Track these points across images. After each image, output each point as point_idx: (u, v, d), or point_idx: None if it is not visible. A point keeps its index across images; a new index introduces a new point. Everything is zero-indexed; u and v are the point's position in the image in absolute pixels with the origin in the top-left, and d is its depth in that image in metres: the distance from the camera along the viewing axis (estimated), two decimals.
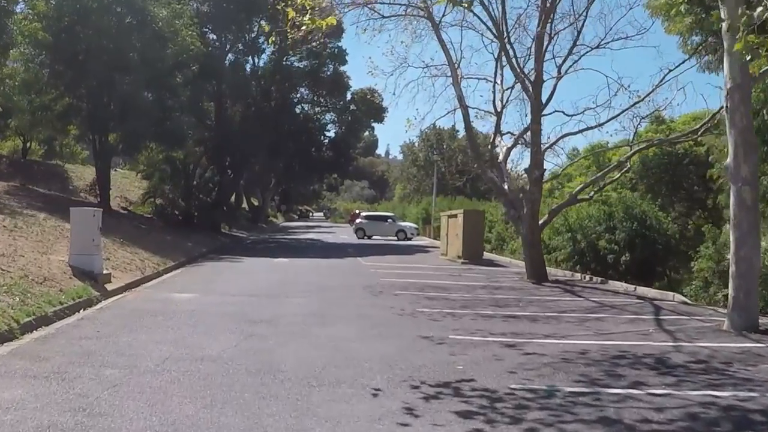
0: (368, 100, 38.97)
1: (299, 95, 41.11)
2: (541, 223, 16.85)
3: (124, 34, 21.29)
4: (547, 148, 16.99)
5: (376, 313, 9.99)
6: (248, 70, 36.73)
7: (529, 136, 17.13)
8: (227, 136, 31.36)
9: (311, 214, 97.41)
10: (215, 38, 33.56)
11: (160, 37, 21.85)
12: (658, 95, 16.34)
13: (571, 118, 17.13)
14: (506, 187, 17.26)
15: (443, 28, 17.11)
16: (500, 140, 18.23)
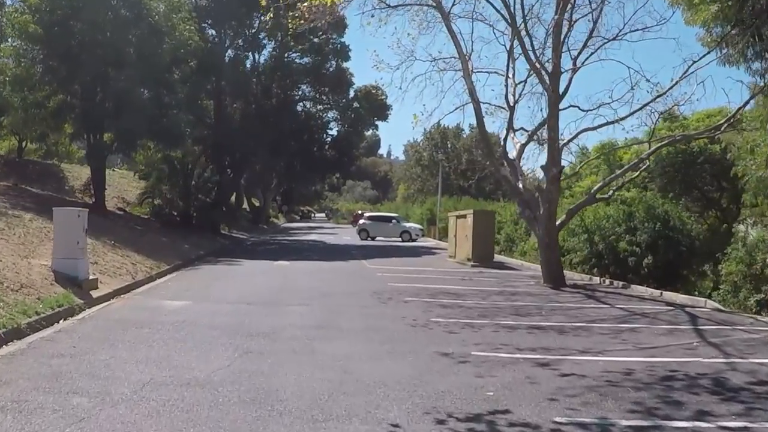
0: (372, 97, 37.85)
1: (301, 92, 40.02)
2: (558, 223, 15.90)
3: (119, 28, 20.55)
4: (566, 143, 16.06)
5: (386, 324, 9.05)
6: (248, 66, 35.94)
7: (542, 132, 16.21)
8: (227, 134, 30.53)
9: (313, 214, 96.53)
10: (214, 33, 32.75)
11: (156, 31, 21.12)
12: (675, 90, 15.31)
13: (586, 113, 16.31)
14: (520, 185, 16.36)
15: (452, 19, 16.18)
16: (513, 136, 17.27)
